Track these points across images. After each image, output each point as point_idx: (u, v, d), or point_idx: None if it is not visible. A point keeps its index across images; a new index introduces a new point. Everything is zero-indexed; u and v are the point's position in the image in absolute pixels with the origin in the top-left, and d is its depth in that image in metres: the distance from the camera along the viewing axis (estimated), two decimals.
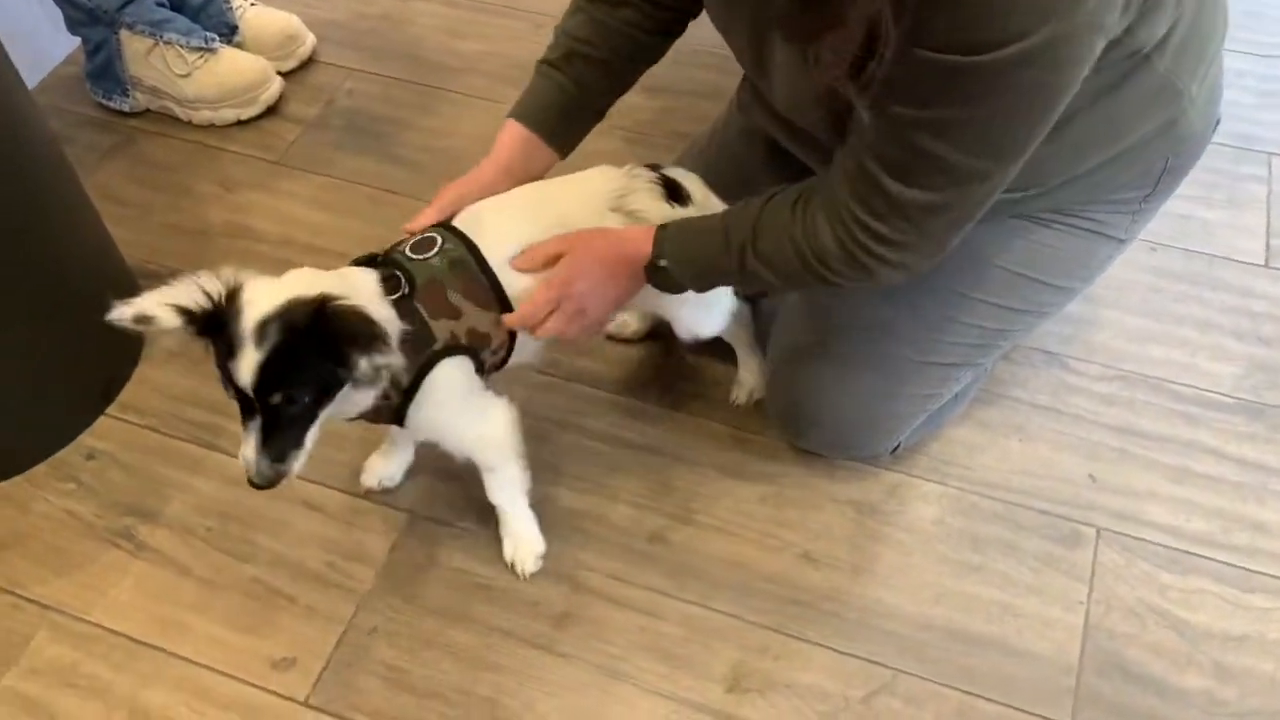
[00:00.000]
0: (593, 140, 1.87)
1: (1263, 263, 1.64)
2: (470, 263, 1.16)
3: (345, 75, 2.02)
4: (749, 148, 1.42)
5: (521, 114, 1.28)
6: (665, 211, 1.23)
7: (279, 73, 1.97)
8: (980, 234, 1.13)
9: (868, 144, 0.97)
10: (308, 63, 2.03)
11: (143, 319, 0.98)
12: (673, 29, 1.28)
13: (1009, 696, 1.24)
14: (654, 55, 1.31)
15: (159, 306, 0.99)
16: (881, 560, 1.36)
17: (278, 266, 1.67)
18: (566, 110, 1.28)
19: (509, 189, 1.25)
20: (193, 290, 1.00)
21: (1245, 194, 1.73)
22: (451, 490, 1.43)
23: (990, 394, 1.49)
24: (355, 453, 1.47)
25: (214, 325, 1.01)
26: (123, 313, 0.98)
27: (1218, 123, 1.21)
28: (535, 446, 1.39)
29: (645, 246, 1.17)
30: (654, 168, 1.27)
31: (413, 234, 1.20)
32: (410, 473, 1.45)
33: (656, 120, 1.90)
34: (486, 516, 1.39)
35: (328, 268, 1.67)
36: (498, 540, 1.36)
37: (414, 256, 1.16)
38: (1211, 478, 1.41)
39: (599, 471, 1.44)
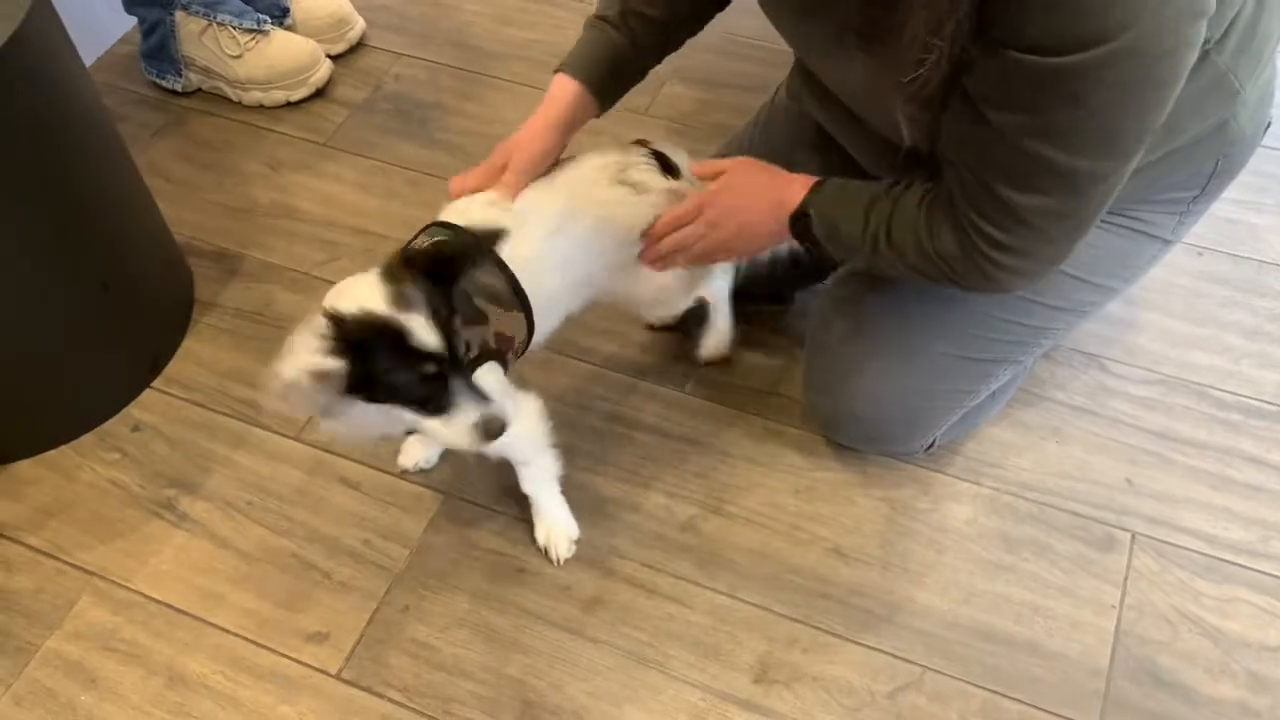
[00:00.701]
0: (636, 129, 1.89)
1: None
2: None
3: (393, 60, 2.04)
4: (794, 132, 1.41)
5: (573, 68, 1.26)
6: (662, 183, 1.25)
7: (328, 56, 1.99)
8: None
9: (978, 152, 0.96)
10: (357, 46, 2.06)
11: (321, 375, 0.94)
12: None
13: (1036, 698, 1.24)
14: (705, 20, 1.31)
15: (323, 361, 0.94)
16: (912, 557, 1.36)
17: (322, 248, 1.72)
18: (618, 67, 1.27)
19: (558, 144, 1.25)
20: (318, 335, 0.95)
21: None
22: (486, 473, 1.44)
23: (1028, 394, 1.48)
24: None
25: (357, 347, 0.96)
26: (294, 376, 0.94)
27: (1268, 126, 1.20)
28: (571, 434, 1.41)
29: (800, 194, 1.17)
30: (643, 143, 1.29)
31: (459, 194, 1.23)
32: (446, 455, 1.46)
33: (699, 111, 1.90)
34: (520, 500, 1.40)
35: (369, 249, 1.70)
36: (531, 524, 1.38)
37: None
38: (1251, 486, 1.39)
39: (634, 460, 1.45)
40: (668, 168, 1.27)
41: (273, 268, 1.70)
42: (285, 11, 1.99)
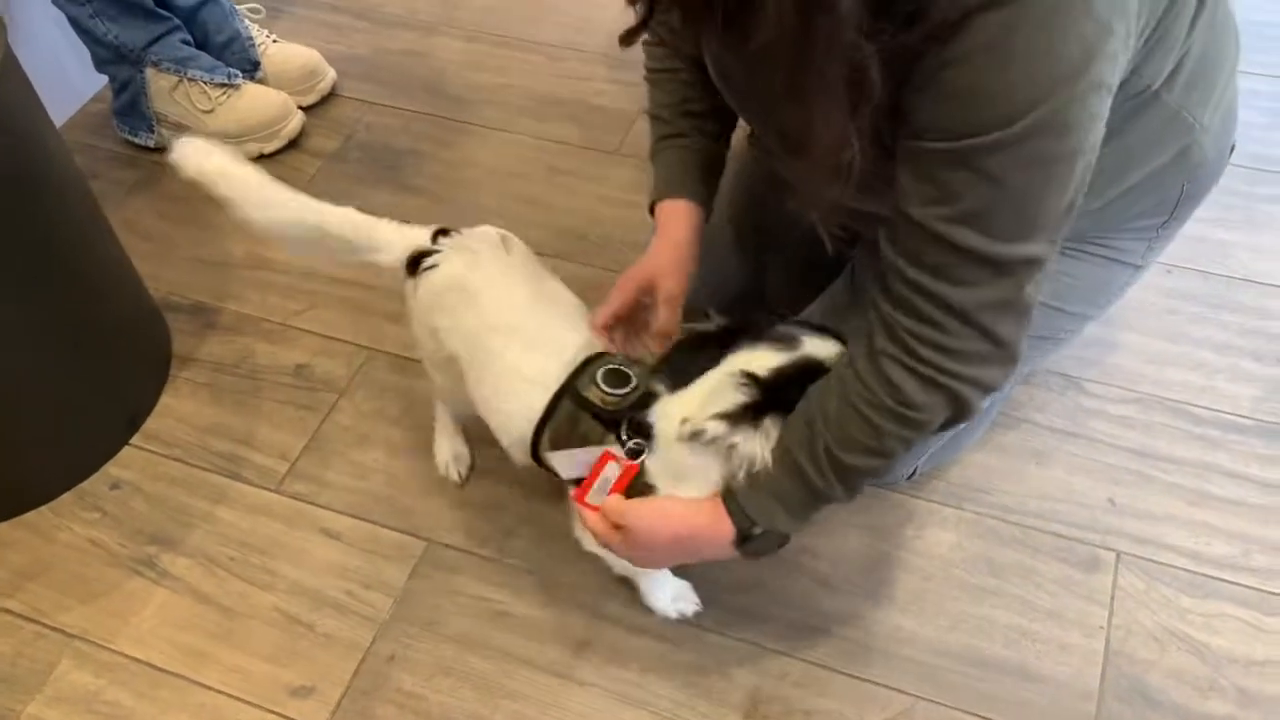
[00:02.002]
0: (607, 169, 1.90)
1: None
2: None
3: (365, 109, 2.05)
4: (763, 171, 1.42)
5: (668, 189, 1.24)
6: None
7: (300, 107, 2.00)
8: None
9: (903, 255, 0.93)
10: (329, 97, 2.07)
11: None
12: None
13: None
14: None
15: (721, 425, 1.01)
16: (899, 585, 1.35)
17: (298, 298, 1.72)
18: (705, 164, 1.25)
19: (686, 263, 1.21)
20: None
21: (1262, 215, 1.73)
22: (469, 517, 1.44)
23: (1008, 418, 1.49)
24: (374, 481, 1.49)
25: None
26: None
27: (1233, 147, 1.22)
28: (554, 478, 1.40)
29: (720, 525, 1.06)
30: (444, 232, 1.28)
31: (603, 330, 1.18)
32: (428, 501, 1.46)
33: None
34: (503, 543, 1.40)
35: (345, 297, 1.70)
36: (515, 567, 1.37)
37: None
38: (1231, 500, 1.40)
39: None
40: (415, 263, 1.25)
41: (250, 320, 1.70)
42: (256, 65, 2.00)
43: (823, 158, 0.87)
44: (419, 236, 1.27)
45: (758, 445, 1.02)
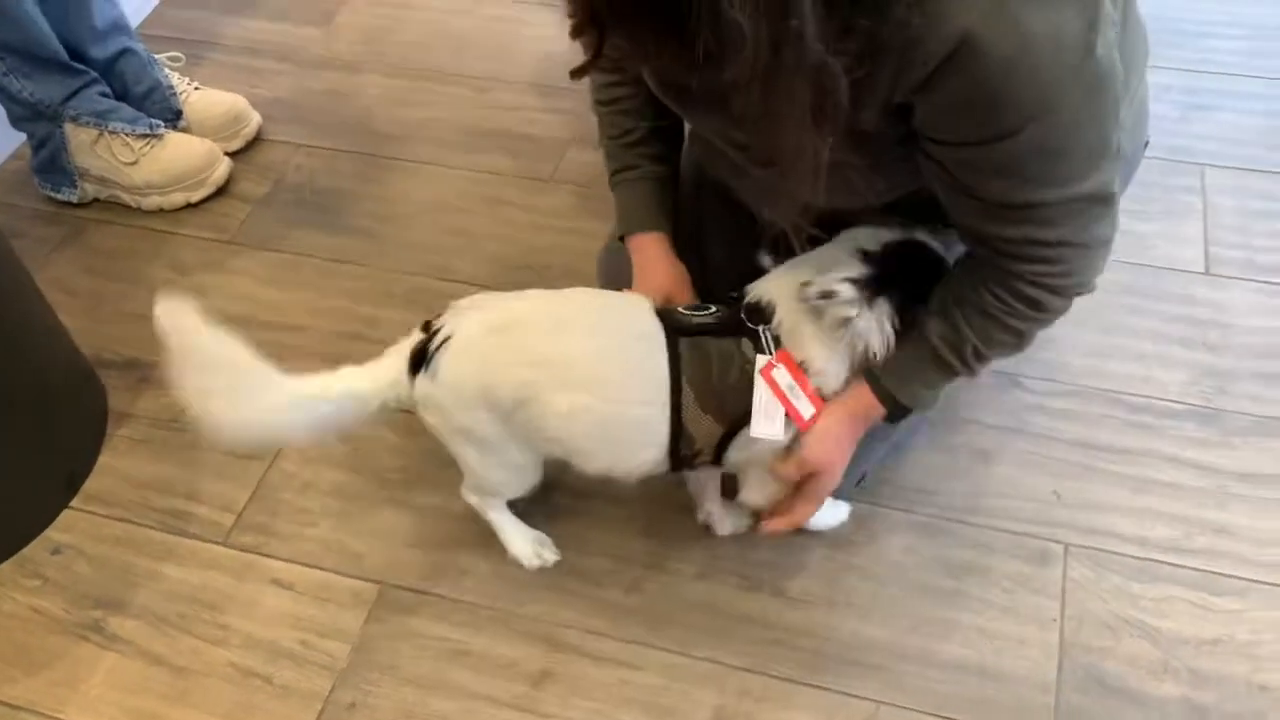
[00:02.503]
0: (542, 197, 1.91)
1: (1203, 270, 1.68)
2: None
3: (293, 151, 2.03)
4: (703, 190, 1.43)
5: (632, 226, 1.32)
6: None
7: (226, 153, 1.98)
8: None
9: (993, 227, 0.99)
10: (255, 141, 2.05)
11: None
12: None
13: (991, 719, 1.25)
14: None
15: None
16: (856, 592, 1.36)
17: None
18: (658, 197, 1.32)
19: (685, 277, 1.29)
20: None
21: (1180, 205, 1.78)
22: (421, 558, 1.42)
23: (951, 419, 1.51)
24: (323, 527, 1.47)
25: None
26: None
27: (1147, 142, 1.25)
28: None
29: (874, 411, 1.16)
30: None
31: None
32: (379, 543, 1.44)
33: (600, 174, 1.92)
34: (458, 581, 1.39)
35: (284, 343, 1.68)
36: (472, 604, 1.36)
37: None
38: (1171, 485, 1.43)
39: (573, 527, 1.44)
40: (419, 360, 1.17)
41: None
42: (178, 114, 1.98)
43: (794, 165, 0.89)
44: (407, 344, 1.19)
45: (874, 324, 1.08)
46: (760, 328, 1.12)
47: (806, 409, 1.12)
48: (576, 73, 0.94)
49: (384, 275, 1.79)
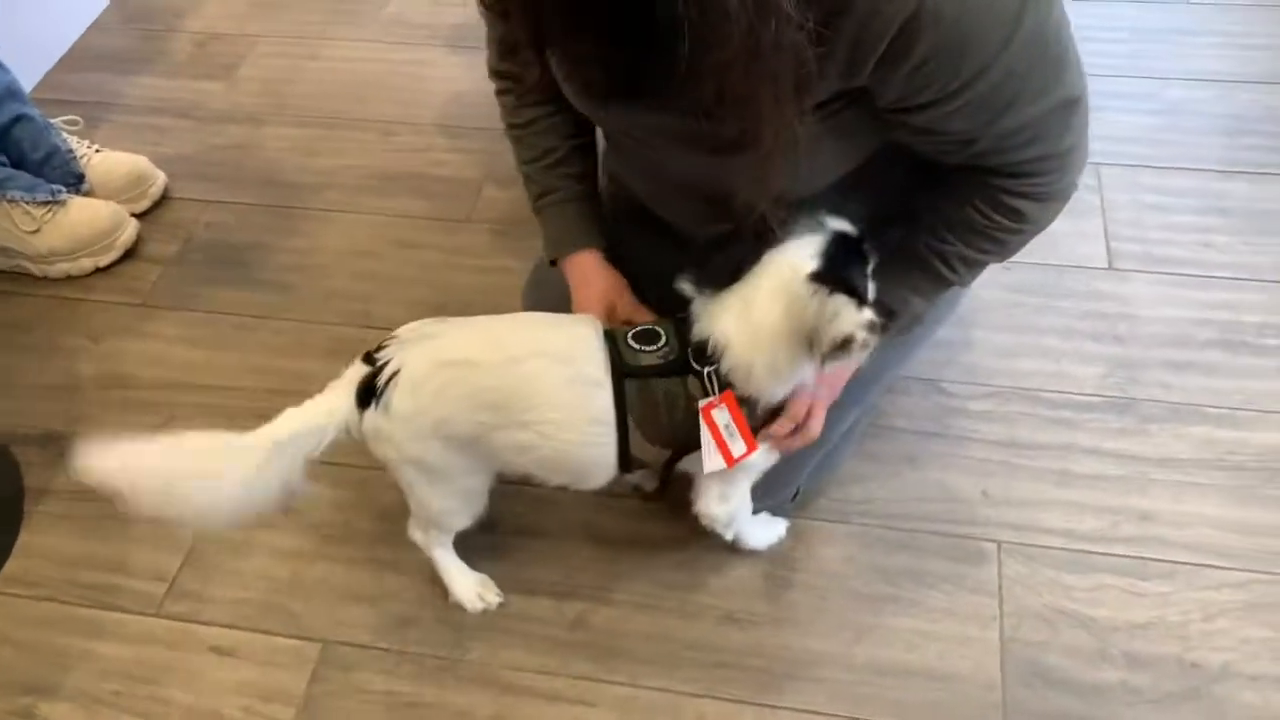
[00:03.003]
0: (459, 237, 1.90)
1: (1106, 266, 1.74)
2: None
3: (202, 208, 2.00)
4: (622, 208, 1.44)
5: (563, 248, 1.32)
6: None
7: (133, 214, 1.94)
8: None
9: (977, 153, 1.03)
10: (161, 200, 2.01)
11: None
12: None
13: None
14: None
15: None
16: (799, 608, 1.38)
17: (156, 411, 1.66)
18: (585, 215, 1.32)
19: (623, 284, 1.30)
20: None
21: (1080, 203, 1.82)
22: (362, 612, 1.40)
23: (876, 427, 1.54)
24: (258, 588, 1.44)
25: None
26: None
27: None
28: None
29: None
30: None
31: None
32: (318, 600, 1.42)
33: (519, 210, 1.93)
34: (402, 632, 1.37)
35: (206, 403, 1.65)
36: (418, 654, 1.35)
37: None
38: (1094, 476, 1.48)
39: (513, 566, 1.43)
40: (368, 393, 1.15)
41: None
42: (80, 178, 1.93)
43: (773, 143, 0.91)
44: (350, 374, 1.17)
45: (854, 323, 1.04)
46: (706, 370, 1.11)
47: (738, 448, 1.13)
48: (522, 93, 0.94)
49: (304, 327, 1.77)
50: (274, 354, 1.73)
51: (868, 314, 1.02)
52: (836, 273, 1.05)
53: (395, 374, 1.13)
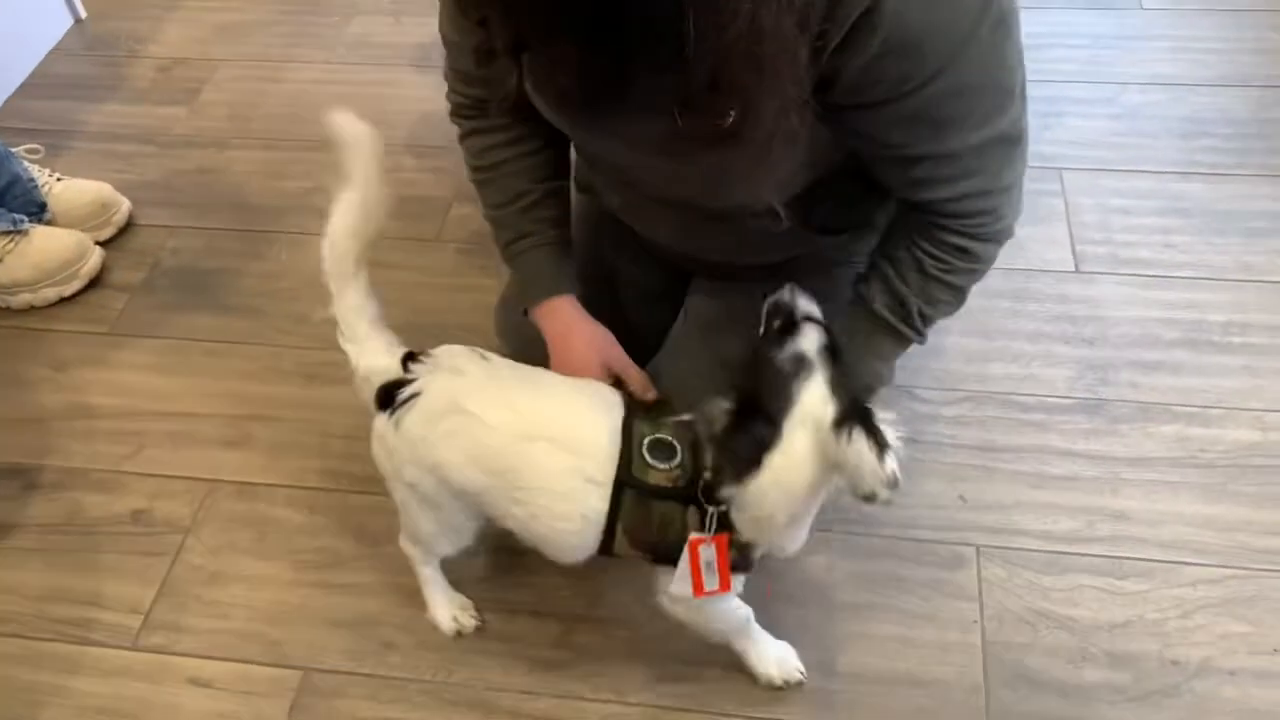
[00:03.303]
0: (428, 257, 1.90)
1: (1073, 269, 1.76)
2: None
3: (168, 234, 1.98)
4: (595, 234, 1.43)
5: (539, 294, 1.26)
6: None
7: (97, 242, 1.92)
8: (810, 284, 1.20)
9: (922, 186, 1.04)
10: (126, 228, 1.99)
11: None
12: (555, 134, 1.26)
13: None
14: (566, 151, 1.30)
15: None
16: (782, 617, 1.37)
17: (124, 440, 1.64)
18: (559, 259, 1.26)
19: (606, 334, 1.26)
20: None
21: (1045, 208, 1.86)
22: (342, 638, 1.39)
23: None
24: (236, 618, 1.42)
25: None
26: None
27: None
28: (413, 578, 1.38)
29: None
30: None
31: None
32: (297, 627, 1.40)
33: (486, 229, 1.92)
34: (383, 656, 1.36)
35: (177, 431, 1.64)
36: (400, 679, 1.34)
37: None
38: (1068, 477, 1.49)
39: (494, 586, 1.43)
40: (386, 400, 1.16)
41: (75, 473, 1.61)
42: (42, 207, 1.91)
43: (774, 131, 0.89)
44: (385, 363, 1.17)
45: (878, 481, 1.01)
46: (710, 510, 1.07)
47: (711, 584, 1.11)
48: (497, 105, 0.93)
49: (275, 352, 1.75)
50: (245, 380, 1.71)
51: (891, 466, 1.00)
52: (856, 409, 1.02)
53: (415, 396, 1.12)
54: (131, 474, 1.60)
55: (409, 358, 1.16)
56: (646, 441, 1.09)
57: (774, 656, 1.30)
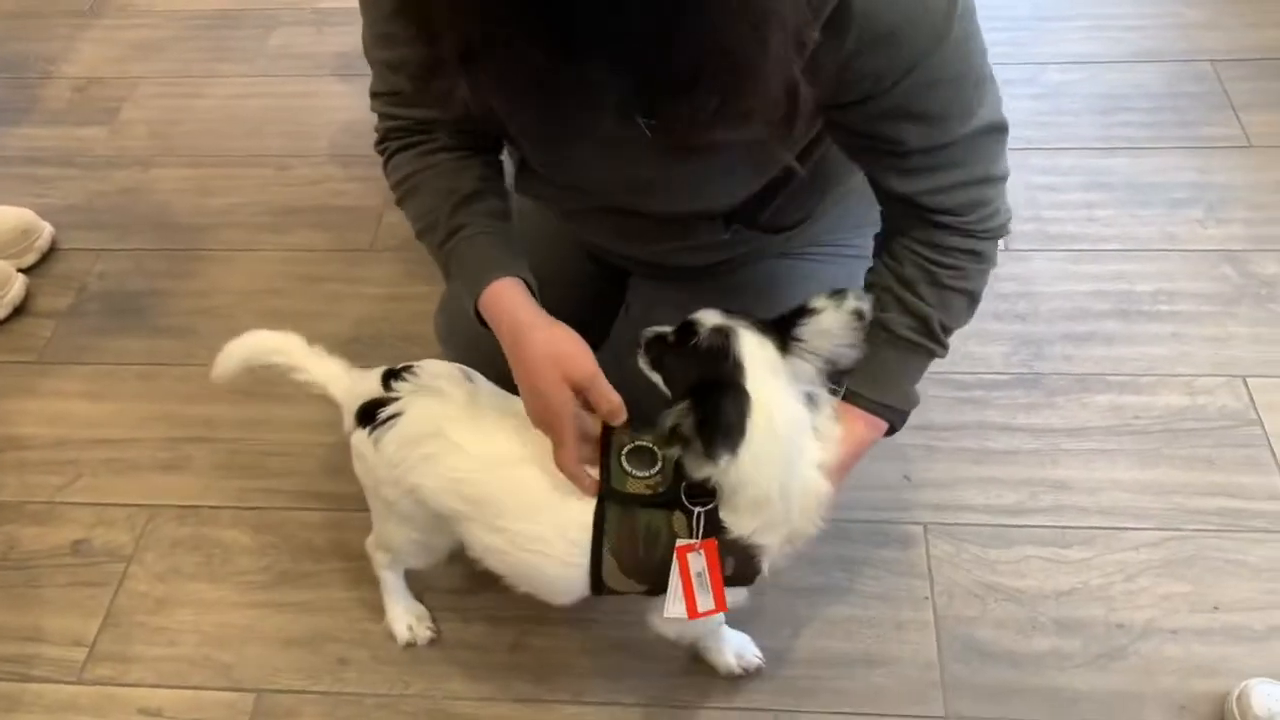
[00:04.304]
0: (363, 268, 1.88)
1: (1003, 247, 1.77)
2: None
3: (94, 258, 1.94)
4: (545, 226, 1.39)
5: (484, 280, 1.08)
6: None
7: (20, 270, 1.88)
8: (749, 276, 1.20)
9: (920, 181, 1.03)
10: (50, 253, 1.94)
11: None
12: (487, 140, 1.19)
13: (883, 706, 1.28)
14: (499, 147, 1.22)
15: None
16: (736, 607, 1.38)
17: (58, 470, 1.60)
18: (504, 244, 1.13)
19: (572, 334, 1.08)
20: None
21: None
22: (295, 657, 1.37)
23: None
24: (185, 644, 1.39)
25: None
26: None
27: None
28: (373, 590, 1.37)
29: (877, 430, 1.13)
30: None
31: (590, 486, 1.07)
32: (248, 649, 1.38)
33: None
34: (338, 673, 1.34)
35: (113, 458, 1.60)
36: (356, 695, 1.32)
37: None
38: (1009, 451, 1.52)
39: (445, 593, 1.41)
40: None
41: (7, 506, 1.57)
42: None
43: (778, 110, 0.87)
44: (366, 384, 1.15)
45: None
46: (696, 510, 1.03)
47: (705, 603, 1.06)
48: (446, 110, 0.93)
49: (209, 371, 1.71)
50: (180, 401, 1.68)
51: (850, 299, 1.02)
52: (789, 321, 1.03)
53: (395, 417, 1.11)
54: (68, 504, 1.56)
55: (390, 375, 1.14)
56: (625, 450, 1.07)
57: (732, 646, 1.30)
